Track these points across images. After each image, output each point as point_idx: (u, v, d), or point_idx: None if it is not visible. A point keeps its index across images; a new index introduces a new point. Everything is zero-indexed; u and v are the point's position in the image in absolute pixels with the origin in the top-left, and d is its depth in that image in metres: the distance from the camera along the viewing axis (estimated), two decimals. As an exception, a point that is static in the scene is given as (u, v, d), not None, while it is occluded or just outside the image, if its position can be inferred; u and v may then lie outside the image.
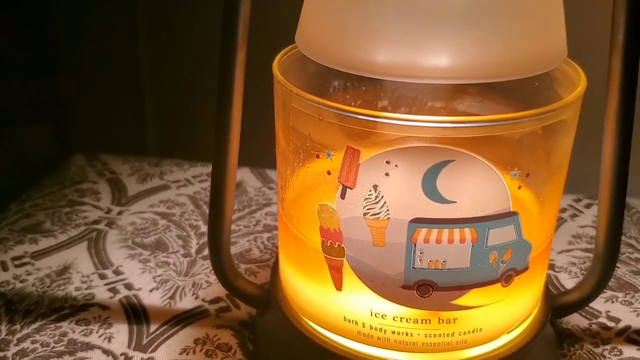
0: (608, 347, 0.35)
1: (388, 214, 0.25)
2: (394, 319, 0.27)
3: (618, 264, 0.41)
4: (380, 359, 0.28)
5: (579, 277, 0.40)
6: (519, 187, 0.25)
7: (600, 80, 0.29)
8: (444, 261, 0.26)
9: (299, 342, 0.30)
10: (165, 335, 0.35)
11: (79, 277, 0.40)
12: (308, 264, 0.28)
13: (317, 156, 0.26)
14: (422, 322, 0.27)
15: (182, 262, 0.42)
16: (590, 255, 0.42)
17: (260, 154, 0.42)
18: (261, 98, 0.32)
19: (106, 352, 0.34)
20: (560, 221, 0.46)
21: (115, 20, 0.60)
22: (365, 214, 0.25)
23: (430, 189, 0.25)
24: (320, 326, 0.29)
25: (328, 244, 0.27)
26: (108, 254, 0.43)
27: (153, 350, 0.34)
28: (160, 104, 0.64)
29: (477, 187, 0.25)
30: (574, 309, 0.33)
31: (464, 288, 0.26)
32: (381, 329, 0.27)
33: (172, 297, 0.39)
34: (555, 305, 0.32)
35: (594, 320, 0.37)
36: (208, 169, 0.52)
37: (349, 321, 0.28)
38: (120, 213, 0.47)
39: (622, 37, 0.26)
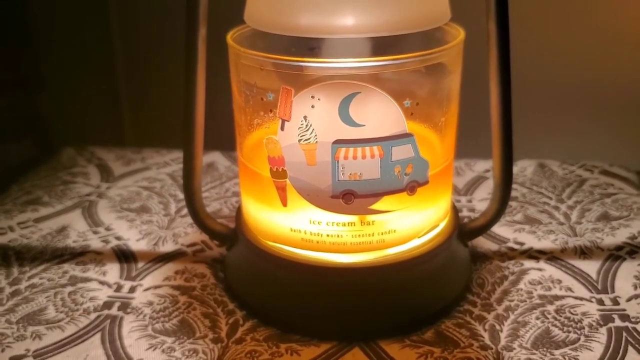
0: (512, 261, 0.44)
1: (316, 138, 0.34)
2: (327, 224, 0.36)
3: (528, 206, 0.50)
4: (320, 260, 0.36)
5: None
6: (412, 114, 0.34)
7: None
8: (360, 174, 0.35)
9: (259, 258, 0.38)
10: (151, 269, 0.44)
11: (76, 233, 0.49)
12: (261, 191, 0.37)
13: (262, 99, 0.35)
14: (349, 225, 0.36)
15: (163, 219, 0.50)
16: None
17: (228, 139, 0.52)
18: (226, 90, 0.41)
19: (102, 282, 0.43)
20: (483, 179, 0.55)
21: (91, 32, 0.68)
22: (299, 140, 0.34)
23: (345, 116, 0.34)
24: (274, 241, 0.38)
25: (274, 170, 0.36)
26: (100, 216, 0.51)
27: (141, 279, 0.43)
28: (136, 103, 0.73)
29: (379, 113, 0.34)
30: (481, 231, 0.42)
31: (377, 195, 0.35)
32: (318, 233, 0.36)
33: (155, 244, 0.47)
34: (466, 229, 0.41)
35: (503, 245, 0.46)
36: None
37: (294, 231, 0.36)
38: (108, 188, 0.55)
39: (494, 5, 0.35)
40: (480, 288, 0.41)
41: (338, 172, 0.34)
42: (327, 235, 0.35)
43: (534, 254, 0.44)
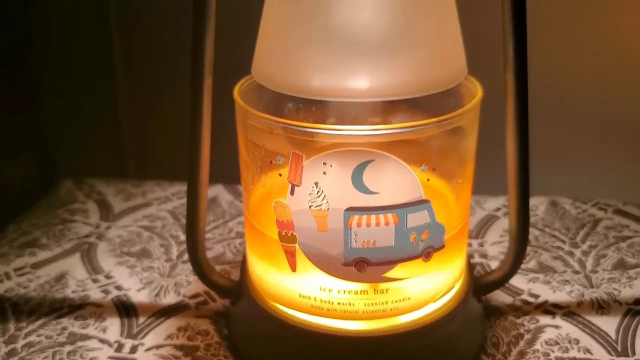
0: (527, 317, 0.42)
1: (328, 205, 0.32)
2: (338, 292, 0.34)
3: (541, 251, 0.49)
4: (330, 328, 0.35)
5: None
6: (428, 180, 0.33)
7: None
8: (374, 241, 0.33)
9: (265, 320, 0.37)
10: (153, 325, 0.42)
11: (75, 282, 0.47)
12: (269, 253, 0.35)
13: (271, 162, 0.33)
14: (361, 293, 0.34)
15: (164, 266, 0.49)
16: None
17: (232, 172, 0.50)
18: (231, 126, 0.40)
19: (102, 340, 0.41)
20: (495, 218, 0.53)
21: (94, 51, 0.66)
22: (310, 206, 0.33)
23: (358, 183, 0.32)
24: (282, 304, 0.36)
25: (283, 234, 0.34)
26: (99, 262, 0.49)
27: (142, 337, 0.41)
28: (137, 130, 0.71)
29: (394, 180, 0.32)
30: (496, 286, 0.40)
31: (392, 263, 0.33)
32: (329, 301, 0.34)
33: (157, 295, 0.45)
34: (481, 284, 0.39)
35: (518, 297, 0.44)
36: (186, 186, 0.59)
37: (303, 297, 0.35)
38: (108, 228, 0.54)
39: (512, 58, 0.34)
40: (495, 349, 0.39)
41: (351, 239, 0.33)
42: (338, 303, 0.34)
43: (550, 309, 0.43)
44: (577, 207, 0.55)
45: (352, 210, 0.32)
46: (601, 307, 0.43)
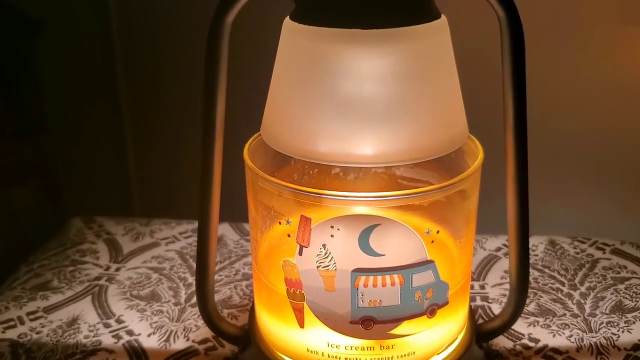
0: None
1: (335, 266, 0.34)
2: (345, 348, 0.35)
3: (541, 293, 0.50)
4: (337, 381, 0.36)
5: None
6: (432, 242, 0.34)
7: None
8: (380, 300, 0.34)
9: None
10: None
11: (87, 326, 0.48)
12: (277, 308, 0.36)
13: (279, 222, 0.34)
14: (367, 349, 0.35)
15: (173, 310, 0.50)
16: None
17: (238, 210, 0.51)
18: (238, 164, 0.41)
19: None
20: (495, 259, 0.54)
21: (99, 85, 0.68)
22: (318, 267, 0.34)
23: (365, 246, 0.33)
24: (289, 357, 0.37)
25: (292, 291, 0.35)
26: (110, 306, 0.50)
27: None
28: (144, 166, 0.72)
29: (399, 243, 0.33)
30: (497, 333, 0.41)
31: (397, 321, 0.34)
32: (336, 356, 0.35)
33: (167, 340, 0.46)
34: (482, 331, 0.41)
35: (518, 342, 0.45)
36: (193, 225, 0.61)
37: (311, 352, 0.36)
38: (118, 270, 0.55)
39: (512, 120, 0.35)
40: None
41: (357, 299, 0.34)
42: (346, 358, 0.35)
43: (550, 354, 0.44)
44: (576, 246, 0.56)
45: (359, 271, 0.33)
46: (600, 352, 0.44)
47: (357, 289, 0.33)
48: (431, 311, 0.35)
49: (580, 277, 0.51)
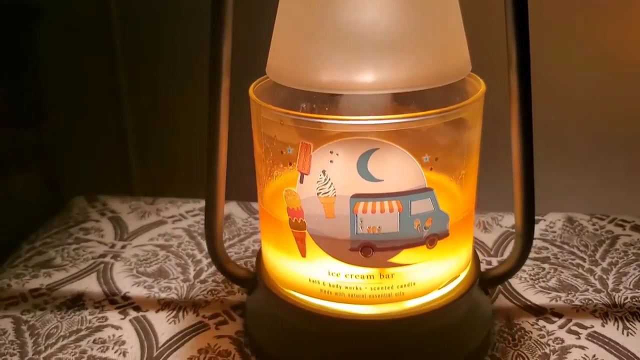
0: (552, 337, 0.49)
1: (335, 192, 0.41)
2: (346, 276, 0.42)
3: (561, 269, 0.56)
4: (338, 311, 0.42)
5: (528, 281, 0.55)
6: (431, 169, 0.41)
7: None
8: (379, 227, 0.41)
9: (278, 306, 0.45)
10: (173, 348, 0.48)
11: (92, 303, 0.54)
12: (281, 240, 0.43)
13: (282, 152, 0.42)
14: (367, 278, 0.42)
15: (182, 286, 0.56)
16: (539, 263, 0.57)
17: (246, 189, 0.59)
18: (244, 143, 0.48)
19: None
20: (512, 235, 0.61)
21: (97, 67, 0.78)
22: (318, 194, 0.41)
23: (363, 171, 0.40)
24: (293, 290, 0.44)
25: (293, 221, 0.42)
26: (116, 283, 0.57)
27: None
28: (144, 153, 0.82)
29: (397, 169, 0.40)
30: (503, 279, 0.49)
31: (396, 249, 0.41)
32: (337, 285, 0.42)
33: (175, 316, 0.52)
34: (488, 277, 0.47)
35: (541, 316, 0.51)
36: (200, 204, 0.69)
37: (313, 281, 0.43)
38: (123, 247, 0.62)
39: (515, 58, 0.42)
40: None
41: (357, 225, 0.41)
42: (346, 287, 0.42)
43: (574, 329, 0.49)
44: (594, 223, 0.63)
45: (358, 197, 0.40)
46: (627, 327, 0.49)
47: (357, 215, 0.41)
48: (431, 241, 0.42)
49: (601, 253, 0.58)
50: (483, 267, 0.56)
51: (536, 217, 0.62)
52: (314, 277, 0.42)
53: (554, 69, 0.68)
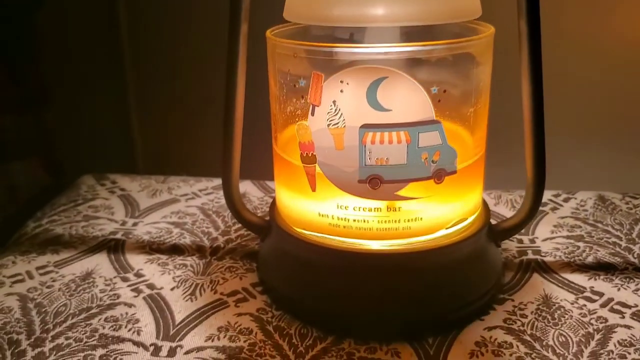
0: (594, 316, 0.55)
1: (344, 123, 0.51)
2: (354, 209, 0.53)
3: (597, 247, 0.66)
4: (346, 245, 0.53)
5: (563, 259, 0.64)
6: (439, 101, 0.51)
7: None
8: (387, 159, 0.51)
9: (288, 244, 0.56)
10: (191, 326, 0.55)
11: (103, 280, 0.61)
12: (292, 179, 0.54)
13: (294, 86, 0.53)
14: (375, 210, 0.52)
15: (198, 263, 0.65)
16: (572, 241, 0.67)
17: (260, 168, 0.71)
18: (260, 124, 0.60)
19: (136, 343, 0.53)
20: (543, 214, 0.71)
21: (101, 55, 0.92)
22: (328, 125, 0.51)
23: (372, 100, 0.50)
24: (303, 228, 0.55)
25: (304, 155, 0.53)
26: (128, 260, 0.65)
27: (180, 339, 0.53)
28: (149, 138, 0.96)
29: (406, 98, 0.50)
30: (513, 231, 0.58)
31: (404, 181, 0.51)
32: (345, 218, 0.53)
33: (192, 294, 0.59)
34: (499, 229, 0.58)
35: (580, 295, 0.58)
36: (212, 182, 0.80)
37: (322, 215, 0.53)
38: (135, 225, 0.73)
39: (525, 3, 0.52)
40: (565, 348, 0.52)
41: (365, 156, 0.51)
42: (354, 221, 0.53)
43: (617, 308, 0.57)
44: (628, 202, 0.73)
45: (366, 127, 0.51)
46: (672, 306, 0.57)
47: (365, 145, 0.51)
48: (438, 176, 0.53)
49: (638, 232, 0.68)
50: (512, 244, 0.67)
51: (566, 195, 0.74)
52: (324, 211, 0.53)
53: (581, 49, 0.80)
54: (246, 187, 0.80)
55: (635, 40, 0.82)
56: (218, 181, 0.79)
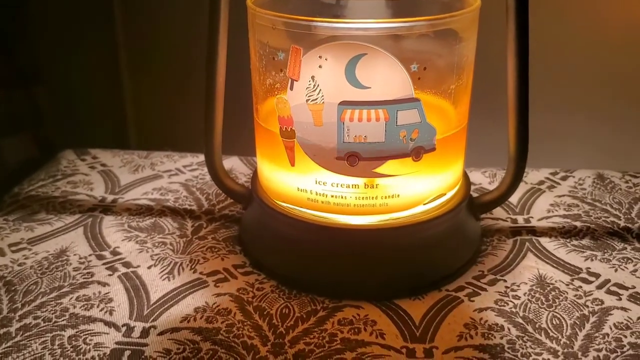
0: (590, 298, 0.62)
1: (323, 99, 0.60)
2: (332, 185, 0.62)
3: (595, 227, 0.74)
4: (323, 219, 0.63)
5: (559, 239, 0.73)
6: (419, 79, 0.59)
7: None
8: (365, 136, 0.60)
9: (268, 216, 0.66)
10: (166, 306, 0.61)
11: (77, 259, 0.68)
12: (272, 151, 0.63)
13: (274, 58, 0.61)
14: (352, 187, 0.61)
15: (178, 242, 0.72)
16: (569, 220, 0.76)
17: (247, 144, 0.79)
18: (244, 101, 0.68)
19: (108, 323, 0.58)
20: (539, 192, 0.81)
21: (93, 26, 1.03)
22: (307, 100, 0.60)
23: (351, 77, 0.59)
24: (283, 201, 0.64)
25: (284, 129, 0.62)
26: (105, 237, 0.72)
27: (154, 320, 0.59)
28: (142, 116, 1.06)
29: (385, 76, 0.59)
30: (494, 205, 0.68)
31: (381, 159, 0.60)
32: (323, 194, 0.62)
33: (170, 272, 0.66)
34: (479, 202, 0.67)
35: (576, 276, 0.66)
36: (198, 159, 0.89)
37: (301, 190, 0.63)
38: (114, 201, 0.81)
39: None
40: (558, 331, 0.58)
41: (343, 133, 0.60)
42: (332, 196, 0.62)
43: (614, 289, 0.64)
44: (627, 180, 0.82)
45: (345, 104, 0.60)
46: (673, 287, 0.63)
47: (343, 123, 0.60)
48: (416, 154, 0.62)
49: (638, 211, 0.77)
50: (506, 224, 0.75)
51: (564, 174, 0.83)
52: (302, 186, 0.63)
53: (584, 27, 0.91)
54: (233, 163, 0.88)
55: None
56: (203, 157, 0.84)
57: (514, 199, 0.80)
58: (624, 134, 0.98)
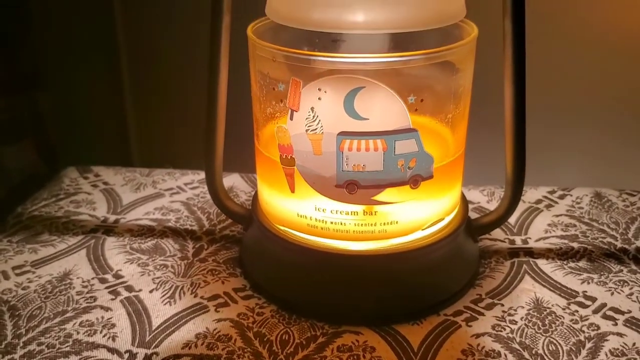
0: (586, 323, 0.65)
1: (322, 129, 0.63)
2: (331, 212, 0.66)
3: (592, 248, 0.77)
4: (323, 245, 0.66)
5: (556, 261, 0.76)
6: (416, 110, 0.63)
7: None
8: (364, 165, 0.63)
9: (268, 240, 0.69)
10: (168, 332, 0.63)
11: (80, 282, 0.70)
12: (273, 176, 0.67)
13: (274, 89, 0.65)
14: (351, 214, 0.65)
15: (179, 264, 0.74)
16: (566, 241, 0.79)
17: (248, 161, 0.82)
18: (245, 116, 0.71)
19: (111, 350, 0.61)
20: (537, 212, 0.84)
21: (95, 35, 1.06)
22: (306, 130, 0.64)
23: (350, 109, 0.62)
24: (283, 225, 0.68)
25: (284, 157, 0.65)
26: (107, 260, 0.75)
27: (156, 346, 0.61)
28: (144, 124, 1.10)
29: (383, 107, 0.62)
30: (492, 227, 0.72)
31: (380, 187, 0.64)
32: (323, 220, 0.66)
33: (171, 297, 0.69)
34: (477, 224, 0.71)
35: (572, 300, 0.68)
36: (199, 176, 0.92)
37: (301, 216, 0.66)
38: (116, 221, 0.84)
39: (510, 5, 0.64)
40: (554, 358, 0.61)
41: (342, 162, 0.64)
42: (331, 223, 0.66)
43: (610, 314, 0.67)
44: (625, 199, 0.85)
45: (344, 134, 0.63)
46: (669, 311, 0.65)
47: (342, 152, 0.64)
48: (414, 182, 0.65)
49: (634, 231, 0.80)
50: (504, 245, 0.78)
51: (562, 192, 0.87)
52: (302, 212, 0.67)
53: (570, 44, 0.95)
54: (234, 181, 0.92)
55: (634, 31, 0.96)
56: (204, 174, 0.87)
57: (512, 218, 0.83)
58: (622, 146, 1.02)
